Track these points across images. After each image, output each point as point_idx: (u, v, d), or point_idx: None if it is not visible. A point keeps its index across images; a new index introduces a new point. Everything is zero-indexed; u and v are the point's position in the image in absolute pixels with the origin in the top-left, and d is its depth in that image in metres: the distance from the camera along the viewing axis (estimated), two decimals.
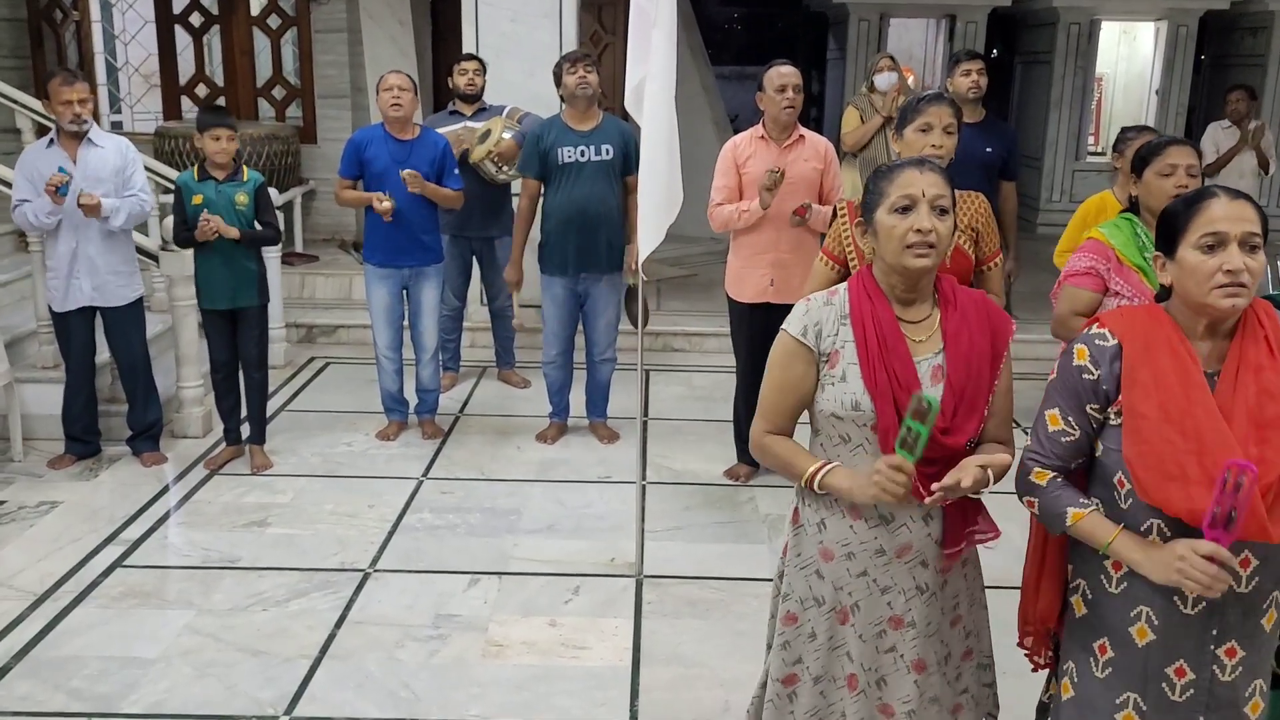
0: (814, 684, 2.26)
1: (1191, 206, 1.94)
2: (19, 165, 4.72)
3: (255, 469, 4.89)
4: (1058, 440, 2.01)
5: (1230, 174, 7.17)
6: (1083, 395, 1.98)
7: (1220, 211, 1.90)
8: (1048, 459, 2.03)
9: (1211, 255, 1.89)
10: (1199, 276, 1.90)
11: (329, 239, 8.62)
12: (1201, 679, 1.96)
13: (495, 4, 6.47)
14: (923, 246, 2.05)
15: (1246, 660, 1.96)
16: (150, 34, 9.04)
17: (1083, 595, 2.08)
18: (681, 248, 8.59)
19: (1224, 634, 1.94)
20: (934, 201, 2.07)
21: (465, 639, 3.55)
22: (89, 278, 4.70)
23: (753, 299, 4.56)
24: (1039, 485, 2.03)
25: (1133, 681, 2.00)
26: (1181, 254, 1.94)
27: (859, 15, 10.58)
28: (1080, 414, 1.99)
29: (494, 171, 5.59)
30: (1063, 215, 10.13)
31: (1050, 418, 2.02)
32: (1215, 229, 1.89)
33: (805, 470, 2.11)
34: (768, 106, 4.44)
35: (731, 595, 3.86)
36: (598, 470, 4.98)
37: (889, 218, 2.08)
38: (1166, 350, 1.93)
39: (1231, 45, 10.97)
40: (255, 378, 4.93)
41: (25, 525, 4.32)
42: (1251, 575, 1.91)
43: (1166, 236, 1.98)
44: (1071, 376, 1.99)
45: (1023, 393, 2.69)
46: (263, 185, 4.83)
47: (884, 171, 2.15)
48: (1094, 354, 1.98)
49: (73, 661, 3.38)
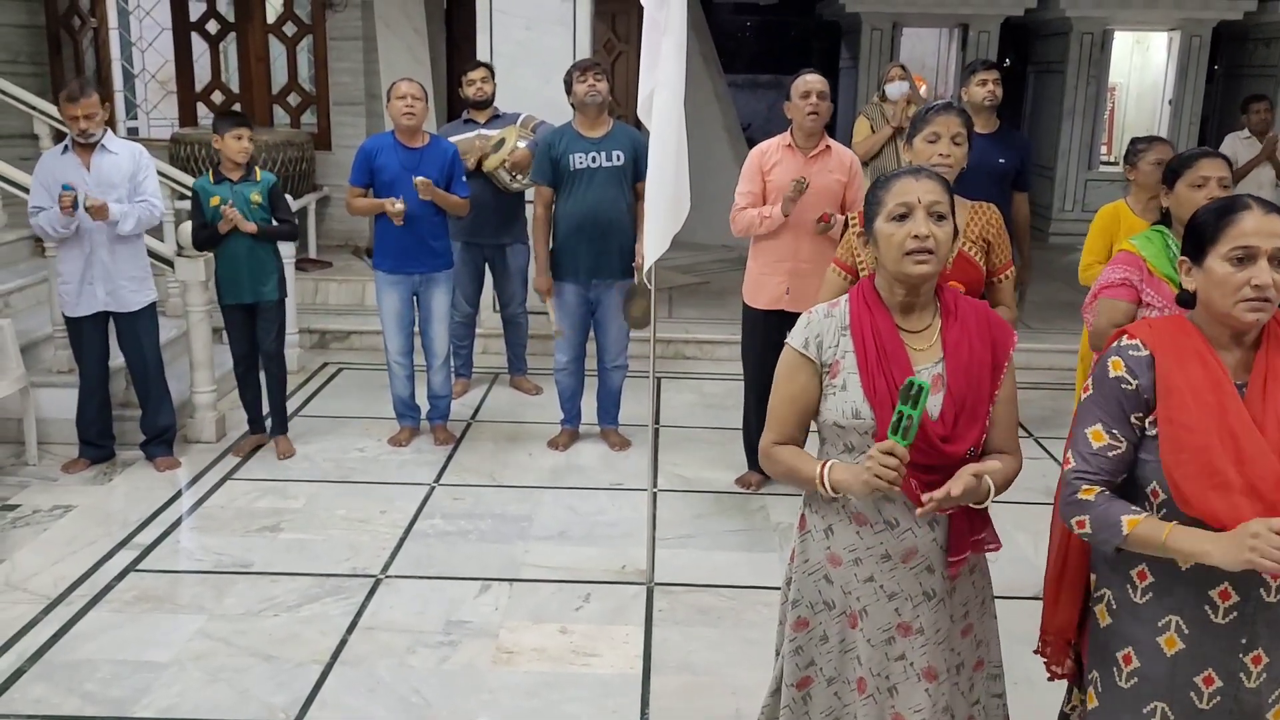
0: (828, 685, 2.27)
1: (1223, 217, 1.94)
2: (36, 173, 4.75)
3: (281, 455, 5.13)
4: (1105, 455, 1.97)
5: (1249, 185, 7.11)
6: (1125, 405, 1.96)
7: (1252, 225, 1.90)
8: (1096, 475, 1.97)
9: (1240, 268, 1.89)
10: (1226, 289, 1.90)
11: (343, 245, 8.66)
12: (1229, 687, 1.96)
13: (509, 12, 6.50)
14: (921, 253, 2.06)
15: (1271, 668, 1.96)
16: (167, 41, 9.11)
17: (1107, 605, 2.08)
18: (693, 255, 8.60)
19: (1253, 642, 1.94)
20: (930, 207, 2.08)
21: (476, 645, 3.56)
22: (103, 283, 4.74)
23: (768, 305, 4.57)
24: (1088, 501, 1.95)
25: (1160, 691, 2.00)
26: (1210, 263, 1.94)
27: (871, 24, 10.58)
28: (1125, 425, 1.96)
29: (508, 180, 5.61)
30: (1075, 225, 10.17)
31: (1093, 434, 1.98)
32: (1247, 243, 1.89)
33: (811, 473, 2.12)
34: (793, 114, 4.47)
35: (742, 603, 3.86)
36: (609, 477, 4.99)
37: (887, 226, 2.10)
38: (1196, 361, 1.94)
39: (1245, 56, 10.94)
40: (274, 371, 5.14)
41: (39, 529, 4.34)
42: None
43: (1195, 243, 1.98)
44: (1112, 388, 1.98)
45: (1035, 401, 2.69)
46: (276, 184, 5.05)
47: (881, 181, 2.18)
48: (1130, 364, 1.97)
49: (86, 665, 3.39)
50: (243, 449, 5.18)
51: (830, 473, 2.09)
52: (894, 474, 1.94)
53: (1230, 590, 1.93)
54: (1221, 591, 1.94)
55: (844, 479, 2.07)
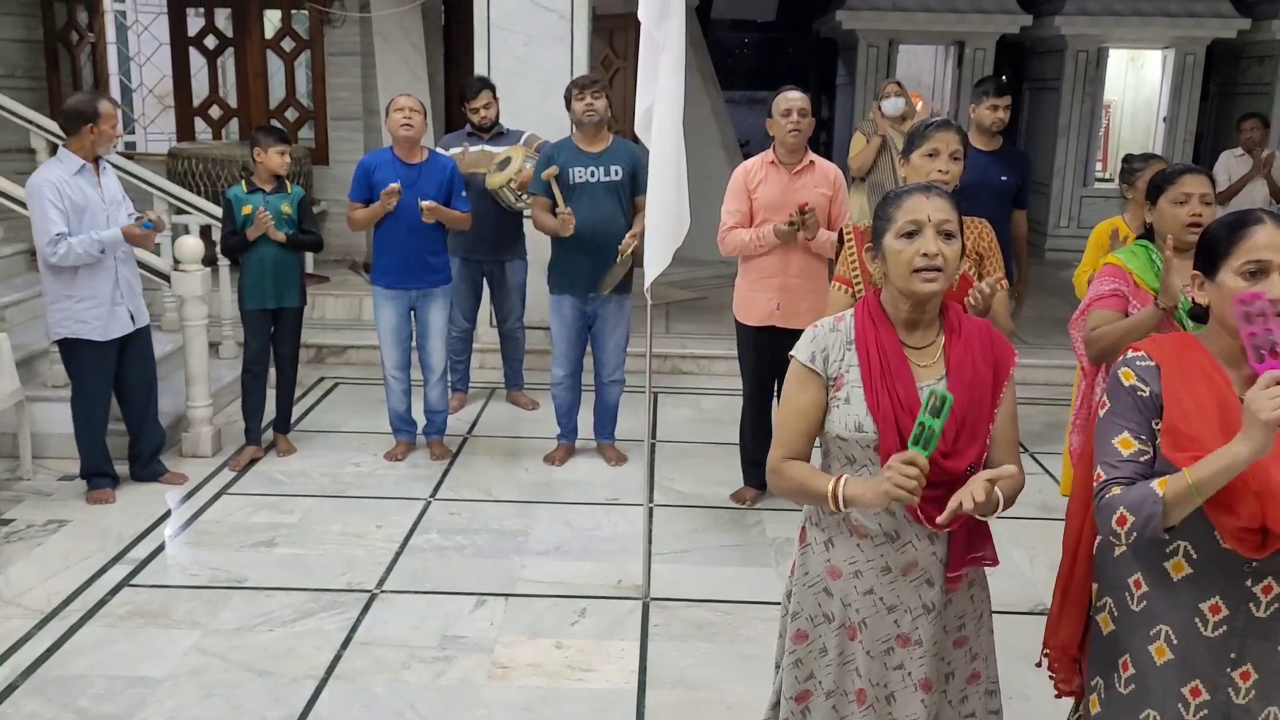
0: (826, 699, 2.27)
1: (1235, 232, 1.94)
2: (47, 194, 4.40)
3: (281, 453, 5.33)
4: (1136, 461, 1.94)
5: (1242, 202, 7.14)
6: (1145, 412, 1.96)
7: (1265, 239, 1.91)
8: (1130, 480, 1.92)
9: (1253, 283, 1.90)
10: None
11: (340, 260, 8.66)
12: (1217, 700, 1.96)
13: (508, 28, 6.53)
14: (930, 271, 2.07)
15: (1260, 685, 1.96)
16: (165, 56, 9.15)
17: (1110, 613, 2.09)
18: (691, 271, 8.62)
19: (1241, 657, 1.95)
20: (940, 226, 2.09)
21: (471, 660, 3.54)
22: (129, 301, 4.72)
23: (759, 322, 4.58)
24: (1119, 495, 1.89)
25: (1153, 699, 2.01)
26: (1222, 278, 1.94)
27: (868, 41, 10.63)
28: (1148, 430, 1.96)
29: (512, 200, 5.60)
30: (1071, 241, 10.20)
31: (1121, 443, 1.96)
32: (1259, 257, 1.90)
33: (823, 488, 2.11)
34: (775, 131, 4.49)
35: (739, 618, 3.85)
36: (605, 492, 4.98)
37: (896, 243, 2.11)
38: (1199, 374, 1.95)
39: (1239, 73, 11.00)
40: (289, 374, 5.35)
41: (33, 544, 4.33)
42: (1272, 600, 1.92)
43: (1207, 258, 1.99)
44: (1128, 397, 1.98)
45: (1031, 417, 2.70)
46: (304, 197, 5.28)
47: (891, 198, 2.19)
48: (1140, 374, 1.98)
49: (79, 680, 3.38)
50: (239, 463, 5.19)
51: (845, 488, 2.08)
52: (914, 483, 1.92)
53: (1220, 604, 1.94)
54: (1212, 605, 1.94)
55: (859, 493, 2.06)
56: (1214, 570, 1.94)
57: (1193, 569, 1.96)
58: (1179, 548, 1.95)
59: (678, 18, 3.73)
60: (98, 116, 4.51)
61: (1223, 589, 1.93)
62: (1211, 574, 1.94)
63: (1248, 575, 1.92)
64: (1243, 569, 1.92)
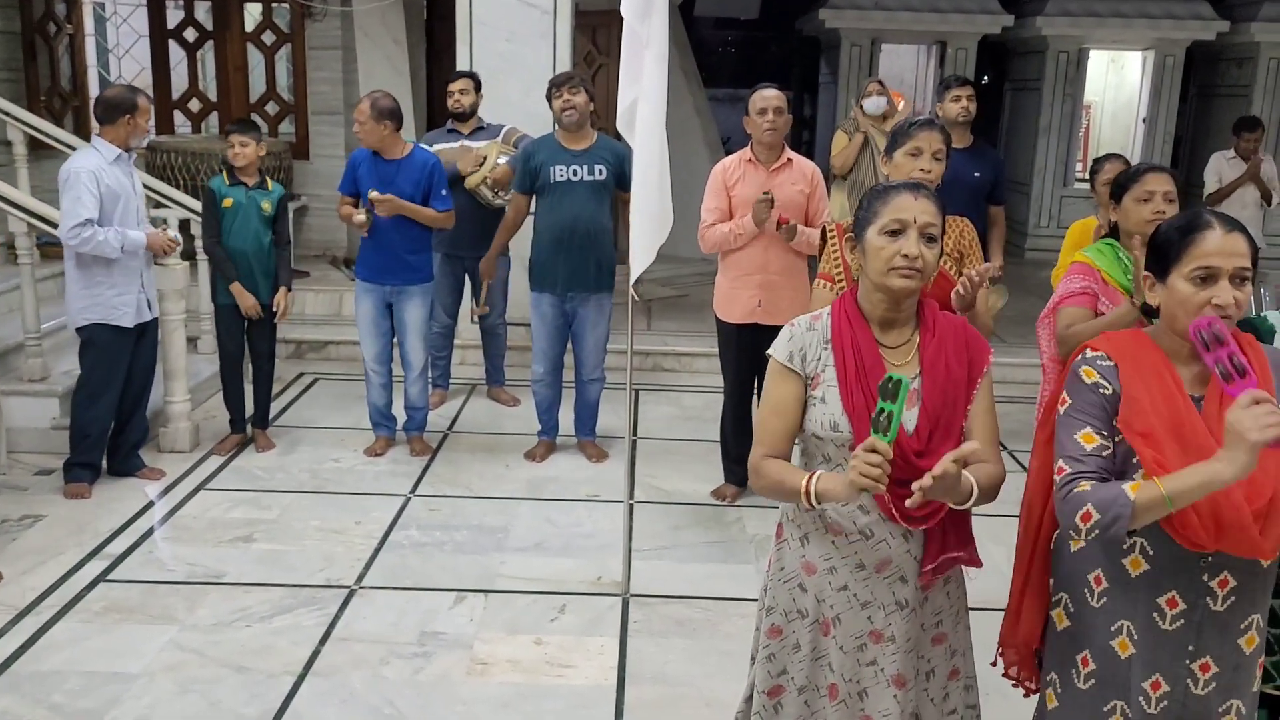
0: (798, 694, 2.28)
1: (1186, 236, 1.95)
2: (85, 181, 4.46)
3: (260, 449, 5.31)
4: (1099, 455, 1.95)
5: (1233, 205, 7.18)
6: (1107, 409, 1.98)
7: (1214, 245, 1.92)
8: (1093, 473, 1.93)
9: (1203, 288, 1.92)
10: (1189, 307, 1.93)
11: (320, 254, 8.62)
12: (1176, 691, 1.99)
13: (490, 24, 6.51)
14: (908, 270, 2.08)
15: (1220, 678, 1.99)
16: (144, 48, 9.06)
17: (1065, 608, 2.11)
18: (673, 268, 8.62)
19: (1200, 650, 1.98)
20: (924, 229, 2.10)
21: (450, 657, 3.54)
22: (148, 290, 4.82)
23: (741, 319, 4.59)
24: (1086, 491, 1.89)
25: (1118, 691, 2.04)
26: (1173, 282, 1.96)
27: (850, 40, 10.66)
28: (1109, 426, 1.97)
29: (490, 198, 5.60)
30: (1050, 240, 10.25)
31: (1084, 438, 1.96)
32: (1209, 263, 1.92)
33: (798, 483, 2.11)
34: (752, 129, 4.52)
35: (718, 615, 3.85)
36: (586, 489, 4.98)
37: (878, 238, 2.11)
38: (1153, 373, 1.97)
39: (1218, 75, 11.09)
40: (265, 369, 5.36)
41: (8, 539, 4.29)
42: (1229, 594, 1.95)
43: (1159, 260, 2.00)
44: (1090, 394, 1.99)
45: (1009, 415, 2.71)
46: (285, 196, 5.33)
47: (879, 192, 2.18)
48: (1101, 372, 2.00)
49: (54, 676, 3.35)
50: (225, 448, 5.27)
51: (816, 483, 2.08)
52: (878, 470, 1.89)
53: (1178, 598, 1.96)
54: (1169, 599, 1.97)
55: (829, 487, 2.06)
56: (1170, 566, 1.96)
57: (1149, 565, 1.99)
58: (1136, 544, 1.98)
59: (661, 14, 3.73)
60: (135, 109, 4.64)
61: (1179, 584, 1.96)
62: (1168, 569, 1.97)
63: (1204, 570, 1.95)
64: (1198, 564, 1.95)
